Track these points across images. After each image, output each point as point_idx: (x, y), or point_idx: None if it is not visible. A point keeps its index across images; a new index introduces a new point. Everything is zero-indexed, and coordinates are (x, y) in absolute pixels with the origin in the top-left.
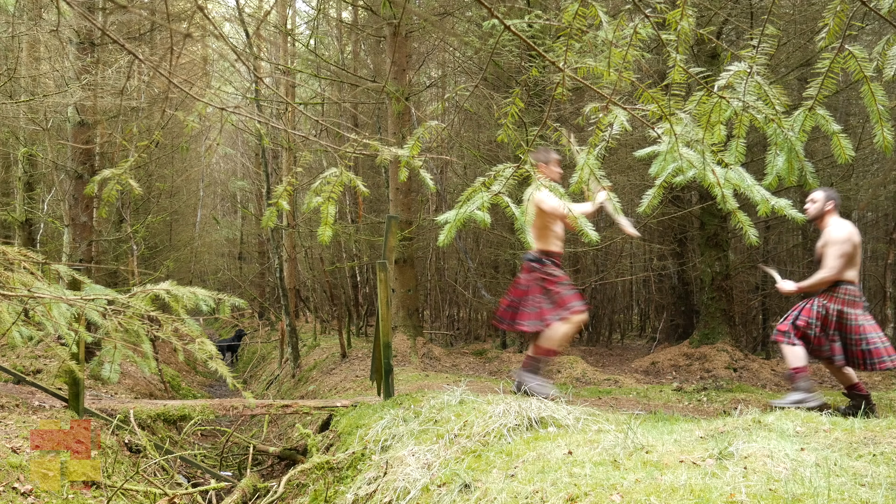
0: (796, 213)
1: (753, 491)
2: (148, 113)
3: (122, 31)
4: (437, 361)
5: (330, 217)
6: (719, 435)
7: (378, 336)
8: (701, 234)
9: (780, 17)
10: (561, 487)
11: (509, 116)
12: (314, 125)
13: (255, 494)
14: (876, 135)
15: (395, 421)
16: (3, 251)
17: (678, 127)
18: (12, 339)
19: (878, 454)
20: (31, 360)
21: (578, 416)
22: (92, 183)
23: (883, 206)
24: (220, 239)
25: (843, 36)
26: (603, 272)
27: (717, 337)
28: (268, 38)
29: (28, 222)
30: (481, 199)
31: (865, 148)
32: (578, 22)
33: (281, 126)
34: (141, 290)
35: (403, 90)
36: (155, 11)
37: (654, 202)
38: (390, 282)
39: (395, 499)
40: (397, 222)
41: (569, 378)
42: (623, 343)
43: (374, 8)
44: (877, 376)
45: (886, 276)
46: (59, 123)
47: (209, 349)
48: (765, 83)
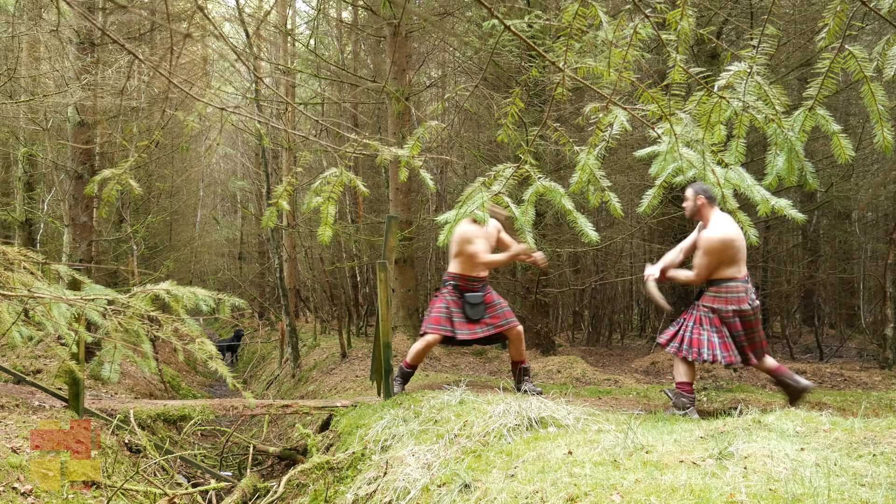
0: (796, 213)
1: (753, 491)
2: (148, 113)
3: (122, 31)
4: (437, 361)
5: (330, 217)
6: (719, 435)
7: (378, 336)
8: None
9: (780, 17)
10: (561, 487)
11: (509, 116)
12: (314, 125)
13: (255, 494)
14: (876, 135)
15: (395, 421)
16: (3, 251)
17: (678, 127)
18: (12, 339)
19: (878, 454)
20: (31, 360)
21: (578, 416)
22: (92, 183)
23: (883, 206)
24: (220, 239)
25: (843, 36)
26: (603, 272)
27: None
28: (268, 38)
29: (28, 222)
30: (481, 199)
31: (865, 148)
32: (578, 22)
33: (281, 126)
34: (141, 290)
35: (403, 90)
36: (155, 11)
37: (654, 202)
38: (390, 282)
39: (395, 499)
40: (397, 222)
41: (569, 378)
42: (623, 343)
43: (374, 8)
44: (877, 376)
45: (886, 276)
46: (59, 123)
47: (209, 349)
48: (765, 83)
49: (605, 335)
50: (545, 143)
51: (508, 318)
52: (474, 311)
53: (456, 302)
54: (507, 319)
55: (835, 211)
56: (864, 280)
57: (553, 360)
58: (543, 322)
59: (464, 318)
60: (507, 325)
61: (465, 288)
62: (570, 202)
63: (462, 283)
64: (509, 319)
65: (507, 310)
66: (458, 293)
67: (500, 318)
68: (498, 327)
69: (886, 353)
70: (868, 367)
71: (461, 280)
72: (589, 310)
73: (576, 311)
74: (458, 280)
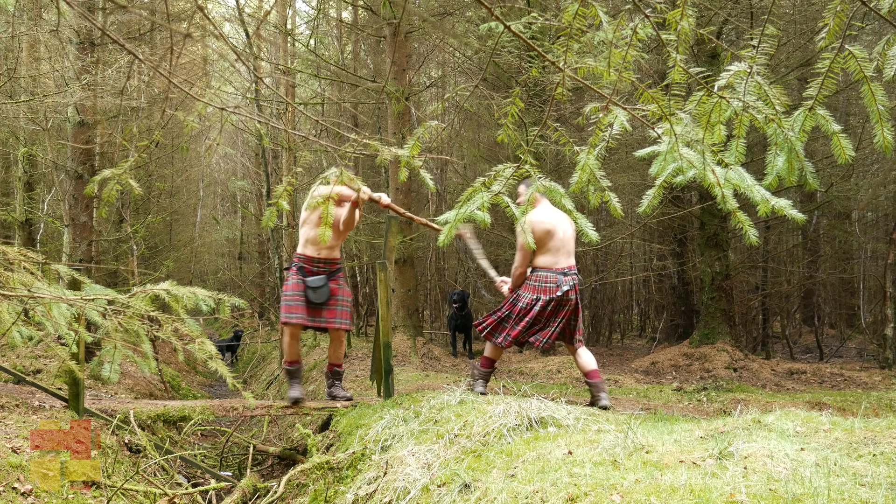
0: (796, 213)
1: (753, 491)
2: (148, 113)
3: (122, 31)
4: (437, 361)
5: (330, 217)
6: (719, 435)
7: (378, 336)
8: (701, 234)
9: (780, 17)
10: (561, 487)
11: (509, 116)
12: (314, 125)
13: (255, 494)
14: (876, 135)
15: (395, 421)
16: (3, 251)
17: (678, 127)
18: (12, 339)
19: (878, 454)
20: (31, 360)
21: (578, 416)
22: (92, 183)
23: (883, 206)
24: (220, 239)
25: (843, 36)
26: (603, 272)
27: (717, 337)
28: (268, 38)
29: (28, 222)
30: (481, 199)
31: (865, 148)
32: (578, 22)
33: (281, 126)
34: (141, 290)
35: (403, 90)
36: (155, 11)
37: (654, 202)
38: (390, 282)
39: (395, 499)
40: (397, 222)
41: (569, 378)
42: (623, 343)
43: (374, 8)
44: (877, 376)
45: (886, 276)
46: (59, 123)
47: (209, 349)
48: (765, 83)
49: (605, 335)
50: (545, 143)
51: (339, 318)
52: (317, 295)
53: (298, 285)
54: (338, 318)
55: (835, 211)
56: (864, 280)
57: (553, 360)
58: None
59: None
60: (335, 325)
61: (308, 271)
62: (570, 202)
63: (308, 263)
64: (340, 319)
65: (345, 309)
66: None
67: (335, 314)
68: (328, 322)
69: (886, 353)
70: (868, 367)
71: (307, 262)
72: (589, 310)
73: None
74: (304, 262)
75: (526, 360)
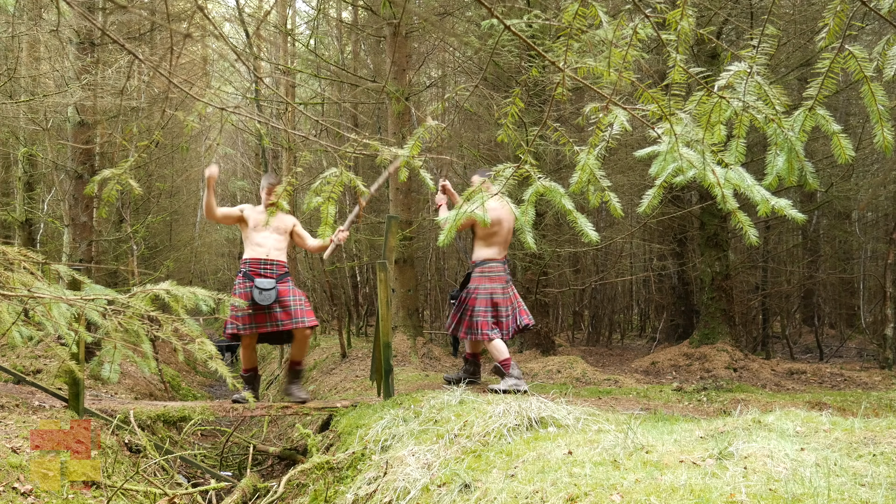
0: (796, 213)
1: (753, 491)
2: (148, 113)
3: (122, 31)
4: (437, 361)
5: (330, 217)
6: (719, 435)
7: (378, 336)
8: (701, 234)
9: (780, 17)
10: (561, 487)
11: (509, 116)
12: (314, 125)
13: (255, 494)
14: (876, 135)
15: (395, 421)
16: (3, 251)
17: (678, 127)
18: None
19: (878, 454)
20: (31, 360)
21: (578, 416)
22: (92, 183)
23: (883, 206)
24: (220, 239)
25: (843, 36)
26: (603, 272)
27: (717, 337)
28: (268, 38)
29: (28, 222)
30: (481, 199)
31: (865, 148)
32: (578, 22)
33: (281, 126)
34: (141, 290)
35: (403, 90)
36: (155, 11)
37: (654, 202)
38: (390, 282)
39: (395, 499)
40: (397, 222)
41: (569, 378)
42: (623, 343)
43: (374, 8)
44: (877, 376)
45: (886, 276)
46: (59, 123)
47: (209, 349)
48: (765, 83)
49: (605, 335)
50: (545, 143)
51: (298, 317)
52: (263, 297)
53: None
54: (296, 318)
55: (835, 211)
56: (864, 280)
57: (553, 360)
58: (543, 322)
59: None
60: (300, 325)
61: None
62: (570, 202)
63: (254, 267)
64: (300, 318)
65: (301, 308)
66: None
67: (290, 315)
68: (285, 325)
69: (886, 353)
70: (868, 367)
71: (253, 265)
72: (589, 310)
73: (576, 311)
74: (251, 265)
75: (526, 360)
